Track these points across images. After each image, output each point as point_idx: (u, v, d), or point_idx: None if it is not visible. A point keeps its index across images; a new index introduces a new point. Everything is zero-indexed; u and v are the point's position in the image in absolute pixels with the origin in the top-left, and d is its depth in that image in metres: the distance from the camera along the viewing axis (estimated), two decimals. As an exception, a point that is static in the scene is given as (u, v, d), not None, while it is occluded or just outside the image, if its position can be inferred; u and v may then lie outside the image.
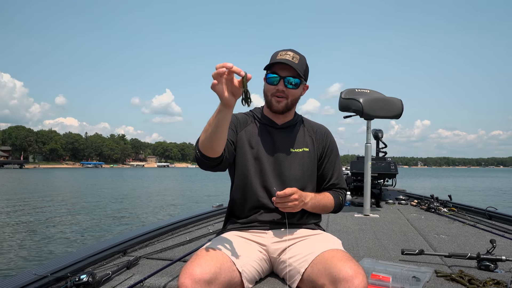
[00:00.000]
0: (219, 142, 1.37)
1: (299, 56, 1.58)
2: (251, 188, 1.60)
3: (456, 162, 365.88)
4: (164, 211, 12.82)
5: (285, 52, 1.57)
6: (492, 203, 5.07)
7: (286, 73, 1.55)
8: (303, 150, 1.66)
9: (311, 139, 1.70)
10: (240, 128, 1.66)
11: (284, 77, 1.55)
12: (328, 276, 1.26)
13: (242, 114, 1.74)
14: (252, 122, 1.69)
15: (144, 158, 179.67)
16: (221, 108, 1.28)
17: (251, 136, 1.65)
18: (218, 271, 1.28)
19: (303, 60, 1.59)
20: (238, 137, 1.64)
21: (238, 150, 1.63)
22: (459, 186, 29.19)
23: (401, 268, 1.73)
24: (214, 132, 1.33)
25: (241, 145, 1.63)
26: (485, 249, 2.03)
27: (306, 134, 1.71)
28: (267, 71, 1.59)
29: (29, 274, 1.56)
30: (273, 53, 1.60)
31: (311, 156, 1.67)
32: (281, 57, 1.55)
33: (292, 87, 1.57)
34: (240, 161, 1.62)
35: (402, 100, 3.91)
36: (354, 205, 4.49)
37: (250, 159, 1.61)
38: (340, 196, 1.71)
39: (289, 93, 1.58)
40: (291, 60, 1.54)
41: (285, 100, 1.59)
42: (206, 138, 1.36)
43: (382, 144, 5.52)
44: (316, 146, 1.70)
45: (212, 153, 1.41)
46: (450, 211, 3.99)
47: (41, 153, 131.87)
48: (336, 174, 1.72)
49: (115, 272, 1.71)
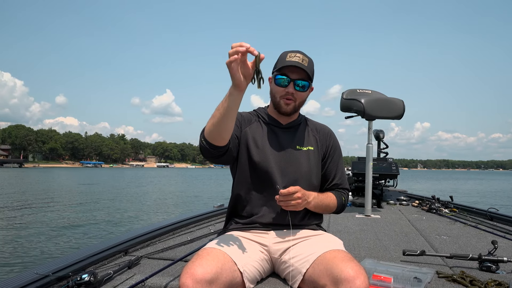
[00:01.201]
0: (227, 128, 1.37)
1: (308, 59, 1.58)
2: (254, 187, 1.60)
3: (456, 164, 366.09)
4: (165, 211, 12.83)
5: (294, 54, 1.56)
6: (492, 204, 5.06)
7: (296, 76, 1.55)
8: (308, 148, 1.66)
9: (315, 139, 1.70)
10: (245, 125, 1.65)
11: (294, 80, 1.55)
12: (330, 276, 1.26)
13: (247, 112, 1.74)
14: (257, 121, 1.69)
15: (144, 158, 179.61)
16: (231, 91, 1.28)
17: (256, 134, 1.64)
18: (220, 271, 1.28)
19: (311, 63, 1.59)
20: (243, 134, 1.63)
21: (242, 147, 1.62)
22: (459, 188, 29.18)
23: (403, 268, 1.73)
24: (223, 117, 1.32)
25: (246, 142, 1.62)
26: (486, 250, 2.02)
27: (310, 133, 1.71)
28: (275, 72, 1.58)
29: (30, 274, 1.55)
30: (282, 54, 1.60)
31: (315, 155, 1.67)
32: (291, 59, 1.54)
33: (301, 89, 1.57)
34: (244, 158, 1.62)
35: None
36: (356, 205, 4.49)
37: (255, 157, 1.60)
38: (343, 196, 1.71)
39: (298, 96, 1.58)
40: (302, 63, 1.54)
41: (293, 102, 1.59)
42: (213, 124, 1.35)
43: (383, 144, 5.51)
44: (320, 145, 1.70)
45: (218, 141, 1.40)
46: (452, 212, 3.99)
47: (40, 152, 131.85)
48: (339, 175, 1.72)
49: (117, 272, 1.71)
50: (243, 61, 1.24)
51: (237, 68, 1.24)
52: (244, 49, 1.20)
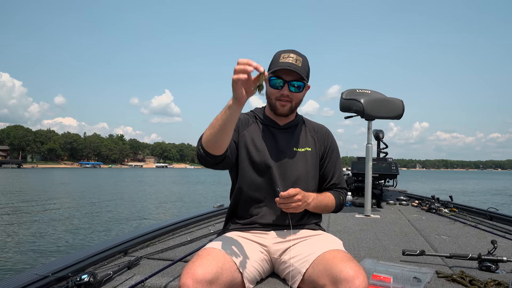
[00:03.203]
0: (225, 138, 1.37)
1: (302, 58, 1.56)
2: (254, 189, 1.60)
3: (454, 164, 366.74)
4: (165, 211, 12.82)
5: (288, 54, 1.54)
6: (492, 204, 5.07)
7: (291, 77, 1.53)
8: (305, 149, 1.66)
9: (313, 139, 1.70)
10: (242, 128, 1.65)
11: (289, 81, 1.53)
12: (329, 276, 1.26)
13: (244, 114, 1.73)
14: (254, 122, 1.69)
15: (143, 158, 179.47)
16: (231, 104, 1.28)
17: (254, 136, 1.64)
18: (220, 271, 1.28)
19: (305, 62, 1.57)
20: (240, 137, 1.63)
21: (240, 150, 1.62)
22: (458, 188, 29.20)
23: (402, 268, 1.73)
24: (221, 128, 1.32)
25: (244, 145, 1.62)
26: (486, 250, 2.03)
27: (308, 134, 1.71)
28: (270, 74, 1.56)
29: (30, 274, 1.55)
30: (275, 54, 1.58)
31: (313, 155, 1.67)
32: (284, 60, 1.52)
33: (297, 90, 1.56)
34: (243, 160, 1.62)
35: (401, 101, 3.92)
36: (355, 205, 4.49)
37: (253, 159, 1.60)
38: (341, 195, 1.72)
39: (294, 97, 1.57)
40: (295, 64, 1.52)
41: (289, 103, 1.58)
42: (212, 134, 1.35)
43: (383, 144, 5.52)
44: (318, 146, 1.70)
45: (216, 150, 1.40)
46: (451, 212, 4.00)
47: (39, 153, 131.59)
48: (337, 174, 1.72)
49: (116, 272, 1.71)
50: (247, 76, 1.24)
51: (241, 85, 1.24)
52: (252, 69, 1.21)
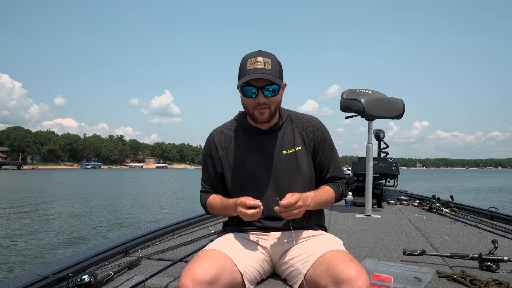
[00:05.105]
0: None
1: (270, 58, 1.46)
2: (250, 194, 1.50)
3: (454, 163, 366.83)
4: (165, 211, 12.81)
5: (254, 59, 1.44)
6: (493, 203, 5.07)
7: (262, 82, 1.44)
8: (295, 149, 1.59)
9: (301, 136, 1.61)
10: (225, 146, 1.62)
11: (262, 87, 1.45)
12: (331, 277, 1.25)
13: (225, 126, 1.67)
14: (238, 132, 1.63)
15: (143, 159, 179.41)
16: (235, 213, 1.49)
17: (240, 148, 1.60)
18: (220, 272, 1.28)
19: (275, 61, 1.48)
20: (228, 151, 1.61)
21: (226, 165, 1.61)
22: (459, 187, 29.20)
23: (403, 268, 1.73)
24: (224, 215, 1.64)
25: (230, 160, 1.59)
26: (487, 249, 2.02)
27: (295, 132, 1.61)
28: (240, 83, 1.46)
29: (31, 275, 1.56)
30: (242, 60, 1.49)
31: (305, 154, 1.59)
32: (252, 67, 1.43)
33: (272, 94, 1.47)
34: (232, 175, 1.59)
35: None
36: (356, 205, 4.49)
37: (243, 172, 1.57)
38: (340, 186, 1.66)
39: (271, 101, 1.48)
40: (264, 68, 1.43)
41: (268, 110, 1.49)
42: (215, 213, 1.71)
43: (383, 144, 5.51)
44: (308, 142, 1.61)
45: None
46: (452, 212, 4.00)
47: (39, 154, 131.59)
48: (333, 166, 1.65)
49: (117, 273, 1.71)
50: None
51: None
52: (260, 214, 1.42)
